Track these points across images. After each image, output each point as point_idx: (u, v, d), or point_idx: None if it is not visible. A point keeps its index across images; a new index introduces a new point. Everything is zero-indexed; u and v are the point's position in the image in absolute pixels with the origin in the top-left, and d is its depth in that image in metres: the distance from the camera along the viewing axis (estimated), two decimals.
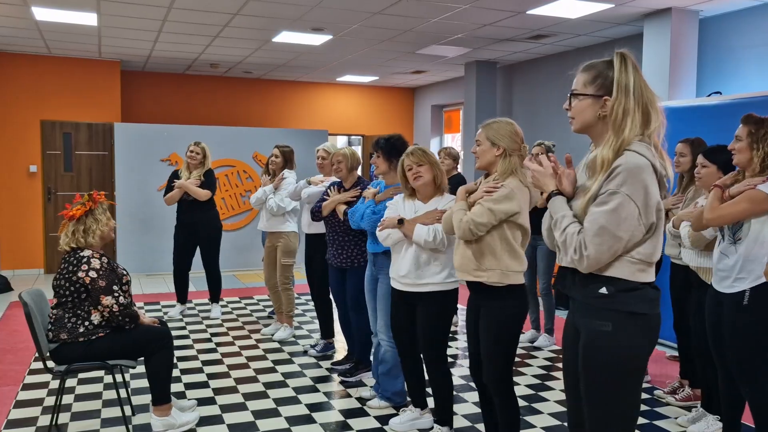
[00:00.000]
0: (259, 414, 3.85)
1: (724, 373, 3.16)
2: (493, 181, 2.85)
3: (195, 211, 5.99)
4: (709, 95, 5.49)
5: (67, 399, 4.06)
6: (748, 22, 5.87)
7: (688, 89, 6.14)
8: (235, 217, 9.07)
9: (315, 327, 5.83)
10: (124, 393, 4.02)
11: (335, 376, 4.54)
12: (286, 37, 7.34)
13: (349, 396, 4.17)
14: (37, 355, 4.22)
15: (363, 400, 4.07)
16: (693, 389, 4.02)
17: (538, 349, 5.28)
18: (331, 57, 8.68)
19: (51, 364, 3.39)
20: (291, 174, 5.49)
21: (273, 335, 5.55)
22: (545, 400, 4.13)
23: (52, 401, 3.98)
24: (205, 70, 9.80)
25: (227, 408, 3.94)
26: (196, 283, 7.47)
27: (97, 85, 8.99)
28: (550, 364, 4.89)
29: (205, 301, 6.80)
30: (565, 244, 2.00)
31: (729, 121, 3.29)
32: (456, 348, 5.30)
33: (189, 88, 10.27)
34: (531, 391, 4.29)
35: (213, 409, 3.91)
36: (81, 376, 4.47)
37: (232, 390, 4.25)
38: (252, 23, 6.74)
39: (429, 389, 3.76)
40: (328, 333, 5.08)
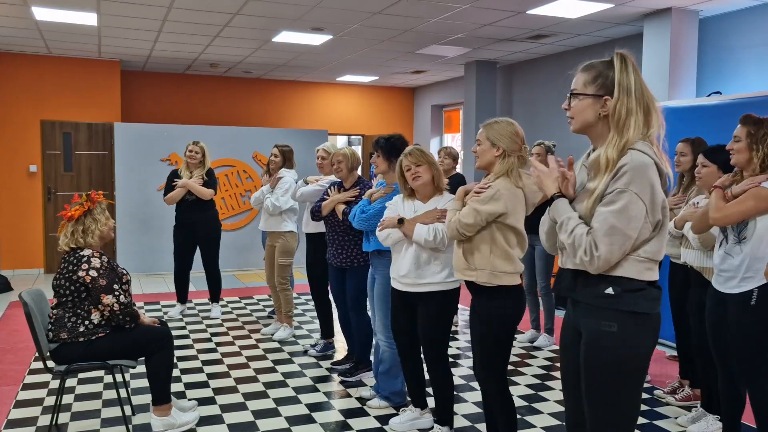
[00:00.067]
0: (259, 414, 3.85)
1: (724, 373, 3.16)
2: (484, 182, 2.88)
3: (195, 211, 6.00)
4: (709, 95, 5.49)
5: (67, 399, 4.06)
6: (748, 22, 5.87)
7: (688, 89, 6.15)
8: (235, 217, 9.07)
9: (315, 327, 5.83)
10: (124, 393, 4.03)
11: (335, 376, 4.54)
12: (286, 37, 7.34)
13: (349, 396, 4.17)
14: (37, 354, 4.22)
15: (363, 400, 4.07)
16: (693, 389, 4.02)
17: (538, 349, 5.28)
18: (331, 57, 8.67)
19: (51, 364, 3.39)
20: (289, 173, 5.47)
21: (273, 335, 5.55)
22: (545, 400, 4.13)
23: (52, 401, 3.98)
24: (205, 70, 9.80)
25: (227, 408, 3.94)
26: (196, 283, 7.47)
27: (97, 85, 8.99)
28: (550, 364, 4.89)
29: (205, 300, 6.81)
30: (573, 246, 1.98)
31: (729, 121, 3.28)
32: (456, 348, 5.30)
33: (189, 88, 10.28)
34: (531, 391, 4.29)
35: (213, 409, 3.91)
36: (81, 376, 4.47)
37: (232, 390, 4.26)
38: (252, 23, 6.74)
39: (429, 389, 3.77)
40: (328, 333, 5.08)
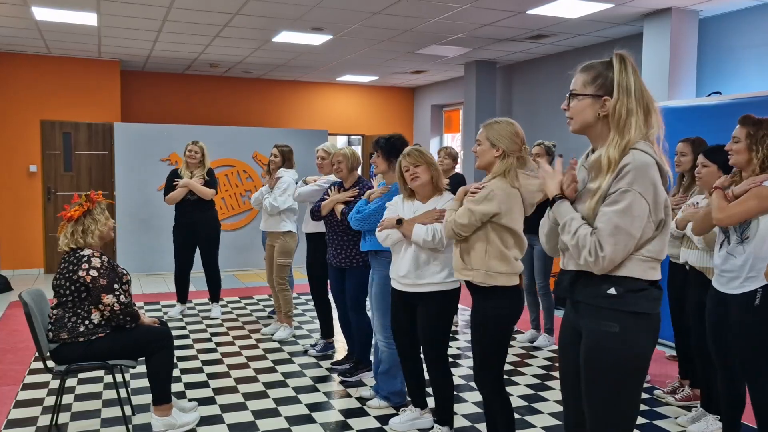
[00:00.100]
0: (259, 414, 3.86)
1: (724, 373, 3.16)
2: (481, 182, 2.89)
3: (196, 211, 6.00)
4: (709, 95, 5.49)
5: (67, 399, 4.06)
6: (748, 22, 5.87)
7: (687, 89, 6.14)
8: (235, 217, 9.07)
9: (315, 327, 5.83)
10: (124, 393, 4.03)
11: (335, 376, 4.54)
12: (286, 37, 7.34)
13: (349, 396, 4.18)
14: (37, 354, 4.22)
15: (363, 400, 4.07)
16: (693, 389, 4.03)
17: (538, 349, 5.28)
18: (331, 57, 8.67)
19: (51, 364, 3.39)
20: (287, 173, 5.47)
21: (273, 335, 5.55)
22: (545, 400, 4.13)
23: (52, 401, 3.98)
24: (205, 69, 9.80)
25: (227, 408, 3.94)
26: (196, 283, 7.47)
27: (97, 84, 8.99)
28: (550, 363, 4.89)
29: (205, 300, 6.81)
30: (577, 247, 1.98)
31: (729, 121, 3.28)
32: (456, 348, 5.30)
33: (189, 87, 10.27)
34: (531, 391, 4.29)
35: (213, 409, 3.91)
36: (81, 376, 4.47)
37: (232, 390, 4.26)
38: (252, 23, 6.74)
39: (429, 389, 3.77)
40: (328, 333, 5.08)
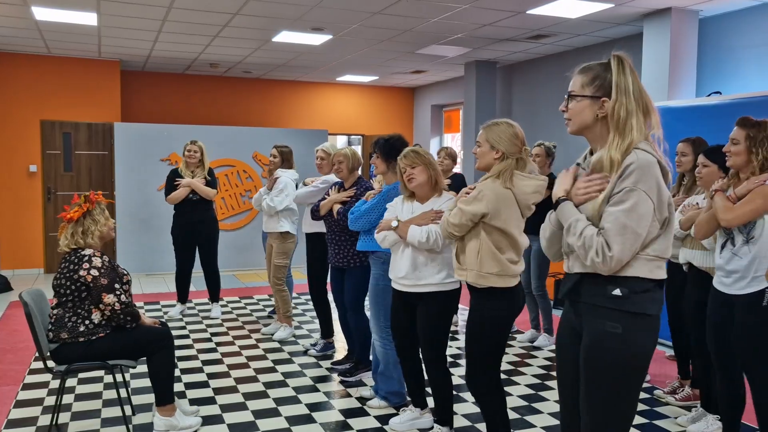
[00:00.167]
0: (259, 414, 3.86)
1: (724, 373, 3.16)
2: (477, 183, 2.92)
3: (198, 211, 6.00)
4: (709, 95, 5.49)
5: (67, 399, 4.06)
6: (748, 22, 5.87)
7: (687, 89, 6.15)
8: (234, 217, 9.07)
9: (315, 327, 5.84)
10: (124, 393, 4.03)
11: (335, 375, 4.54)
12: (285, 36, 7.34)
13: (349, 396, 4.18)
14: (37, 354, 4.22)
15: (363, 400, 4.07)
16: (692, 389, 4.03)
17: (538, 349, 5.29)
18: (331, 57, 8.68)
19: (51, 363, 3.39)
20: (285, 173, 5.47)
21: (273, 335, 5.55)
22: (545, 400, 4.13)
23: (52, 401, 3.99)
24: (205, 69, 9.80)
25: (227, 408, 3.94)
26: (196, 283, 7.46)
27: (97, 84, 8.99)
28: (550, 364, 4.89)
29: (205, 300, 6.81)
30: (583, 247, 1.97)
31: (729, 121, 3.28)
32: (456, 348, 5.30)
33: (189, 87, 10.28)
34: (531, 391, 4.29)
35: (213, 409, 3.91)
36: (81, 376, 4.47)
37: (232, 390, 4.26)
38: (252, 23, 6.74)
39: (429, 389, 3.77)
40: (328, 333, 5.08)
